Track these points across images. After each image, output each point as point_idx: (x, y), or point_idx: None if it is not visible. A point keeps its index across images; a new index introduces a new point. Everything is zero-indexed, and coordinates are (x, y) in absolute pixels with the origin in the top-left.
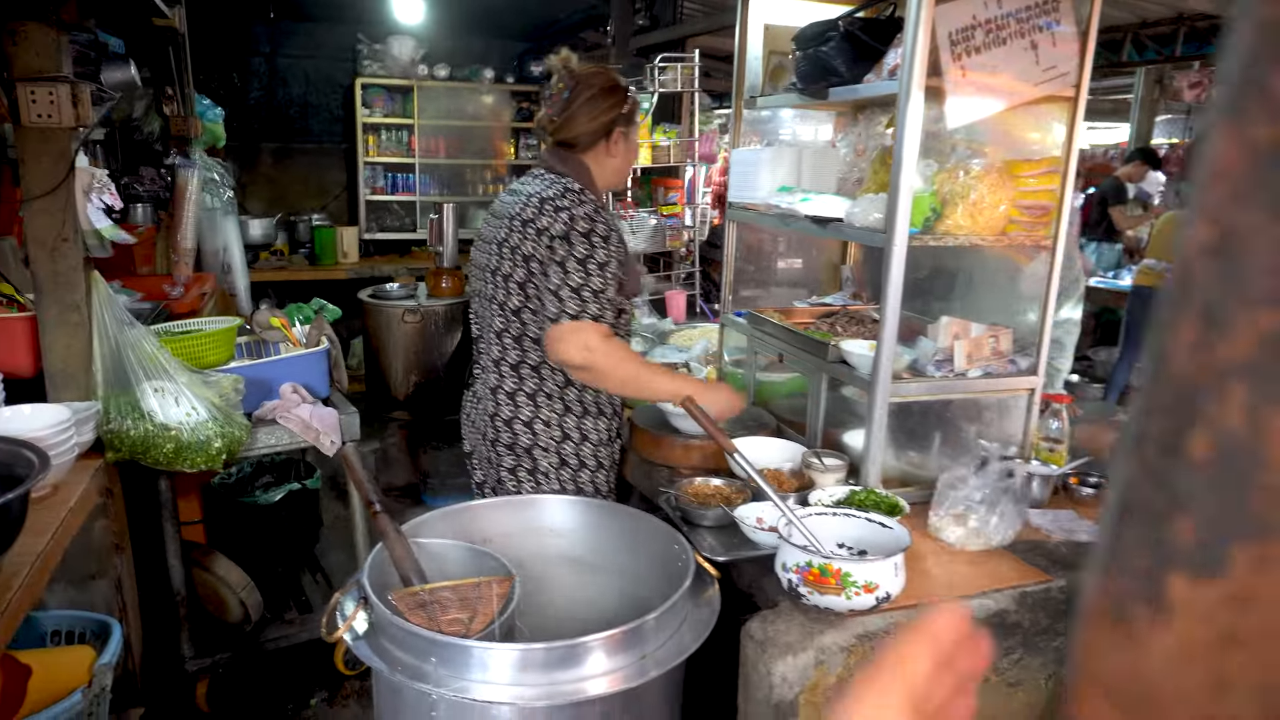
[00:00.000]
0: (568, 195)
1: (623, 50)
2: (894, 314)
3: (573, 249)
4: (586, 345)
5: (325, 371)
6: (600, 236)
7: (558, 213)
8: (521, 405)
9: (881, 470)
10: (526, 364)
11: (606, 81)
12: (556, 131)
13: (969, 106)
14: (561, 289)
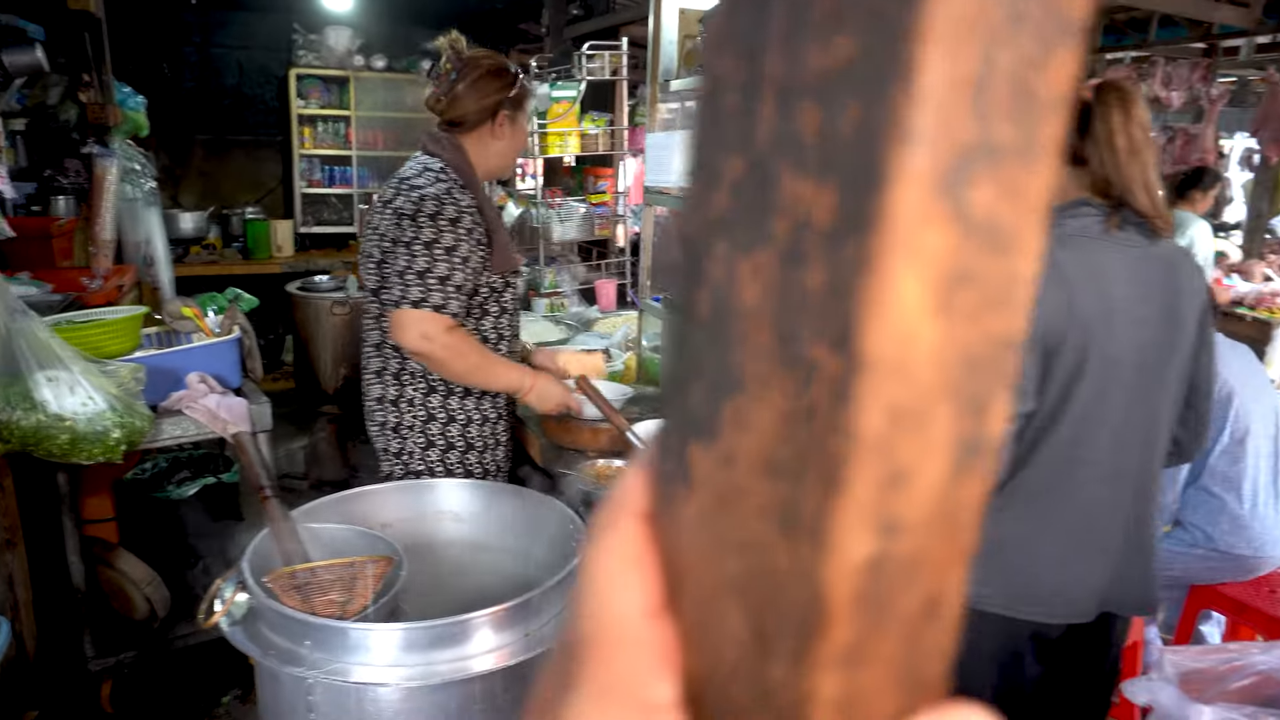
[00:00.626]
0: (425, 174)
1: (556, 40)
2: None
3: (420, 231)
4: (424, 334)
5: (236, 361)
6: (448, 220)
7: (411, 190)
8: (388, 384)
9: None
10: (388, 343)
11: (494, 64)
12: (444, 111)
13: None
14: (406, 273)
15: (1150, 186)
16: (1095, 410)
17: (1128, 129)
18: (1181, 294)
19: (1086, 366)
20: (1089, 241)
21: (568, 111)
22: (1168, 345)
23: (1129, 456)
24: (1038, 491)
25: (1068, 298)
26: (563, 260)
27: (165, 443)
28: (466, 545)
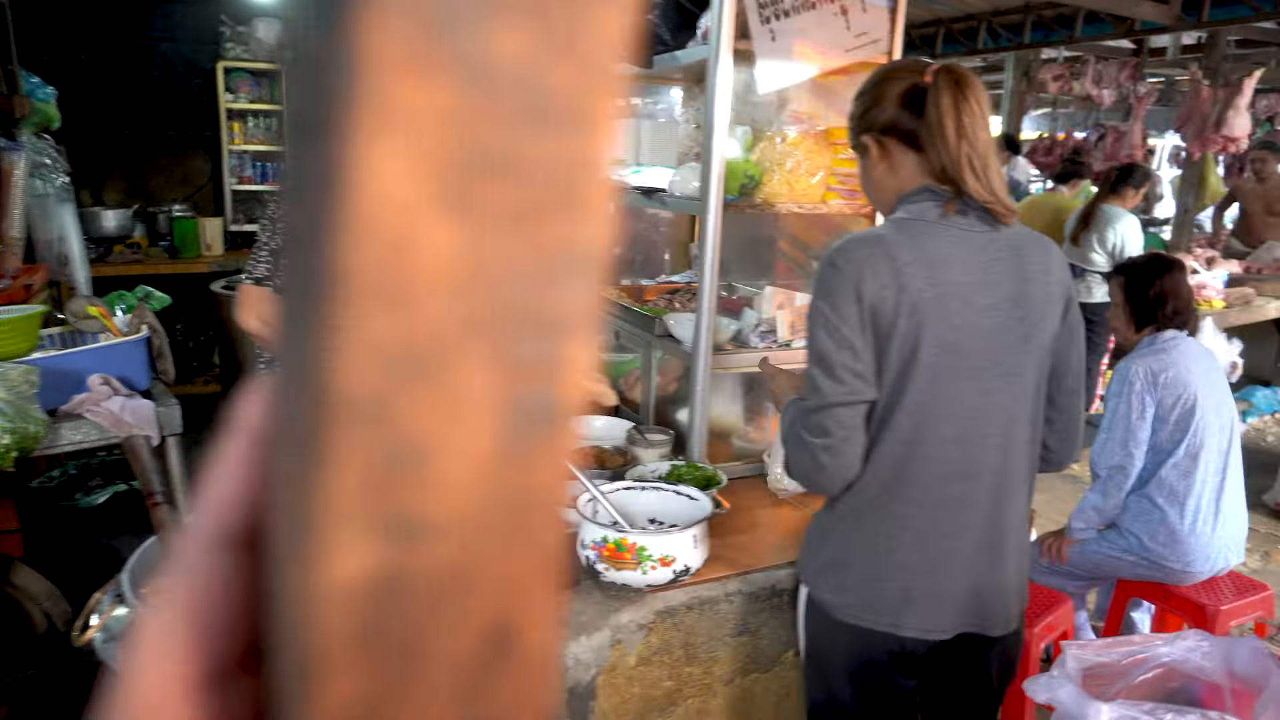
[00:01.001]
0: None
1: None
2: (711, 284)
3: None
4: (263, 316)
5: (144, 362)
6: None
7: None
8: None
9: (706, 443)
10: None
11: None
12: None
13: (779, 71)
14: (259, 245)
15: (983, 171)
16: (935, 402)
17: (958, 113)
18: (1031, 281)
19: (920, 354)
20: (923, 225)
21: None
22: (1018, 335)
23: (981, 455)
24: (879, 490)
25: (896, 280)
26: None
27: (65, 449)
28: None
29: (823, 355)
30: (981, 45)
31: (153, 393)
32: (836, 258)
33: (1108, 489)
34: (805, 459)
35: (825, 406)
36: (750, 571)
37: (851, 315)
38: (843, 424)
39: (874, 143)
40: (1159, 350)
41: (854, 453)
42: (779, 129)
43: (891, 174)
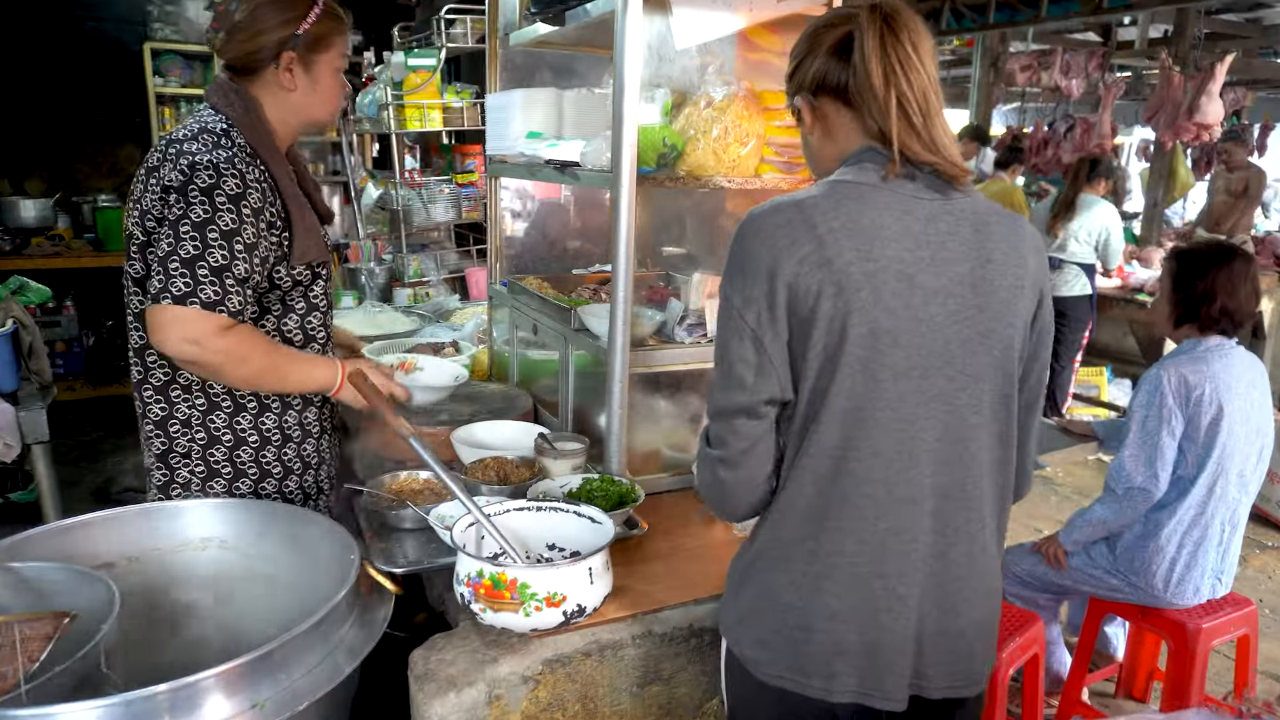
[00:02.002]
0: (202, 136)
1: (429, 10)
2: (626, 270)
3: (189, 208)
4: (188, 337)
5: (8, 361)
6: (227, 195)
7: (179, 157)
8: (150, 401)
9: (625, 452)
10: (152, 348)
11: None
12: (220, 51)
13: (699, 23)
14: (169, 260)
15: (922, 124)
16: (867, 407)
17: (885, 54)
18: (995, 264)
19: (848, 346)
20: (857, 190)
21: (426, 82)
22: (976, 329)
23: (924, 476)
24: (803, 518)
25: (819, 253)
26: (434, 246)
27: None
28: (237, 578)
29: (723, 350)
30: (945, 26)
31: (19, 395)
32: (746, 227)
33: (1123, 509)
34: (704, 473)
35: (723, 412)
36: (664, 609)
37: (759, 298)
38: (741, 433)
39: (806, 104)
40: (1198, 359)
41: (758, 468)
42: (705, 92)
43: (829, 139)
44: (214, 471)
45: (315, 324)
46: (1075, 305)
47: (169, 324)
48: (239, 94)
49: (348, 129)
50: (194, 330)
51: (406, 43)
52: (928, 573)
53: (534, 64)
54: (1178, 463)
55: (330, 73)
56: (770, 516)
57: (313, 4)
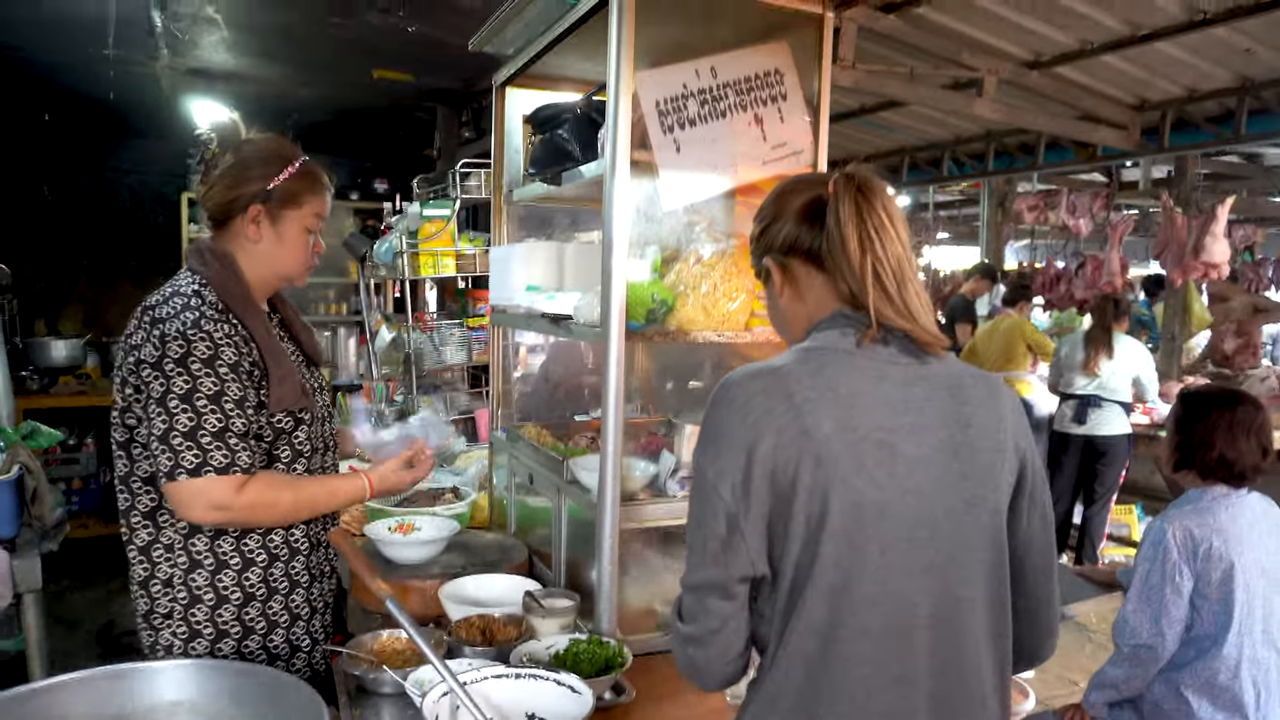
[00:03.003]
0: (172, 301)
1: (448, 163)
2: (615, 421)
3: (171, 383)
4: (214, 505)
5: (9, 507)
6: (200, 360)
7: (152, 327)
8: (134, 562)
9: (616, 611)
10: (136, 509)
11: (256, 150)
12: (202, 201)
13: (686, 185)
14: (170, 435)
15: (896, 291)
16: (853, 583)
17: (860, 221)
18: (974, 428)
19: (830, 519)
20: (833, 356)
21: (441, 231)
22: (961, 497)
23: (918, 654)
24: (793, 701)
25: (796, 423)
26: (446, 388)
27: None
28: None
29: (696, 521)
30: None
31: (17, 542)
32: (721, 394)
33: (1133, 668)
34: (677, 648)
35: (694, 588)
36: None
37: (733, 469)
38: (712, 612)
39: (776, 266)
40: (1203, 510)
41: (728, 647)
42: (694, 249)
43: (799, 301)
44: (195, 633)
45: (301, 470)
46: (1116, 444)
47: (193, 498)
48: (213, 252)
49: (365, 273)
50: (216, 497)
51: (425, 193)
52: None
53: (545, 213)
54: (1193, 621)
55: (298, 230)
56: (758, 698)
57: (289, 162)
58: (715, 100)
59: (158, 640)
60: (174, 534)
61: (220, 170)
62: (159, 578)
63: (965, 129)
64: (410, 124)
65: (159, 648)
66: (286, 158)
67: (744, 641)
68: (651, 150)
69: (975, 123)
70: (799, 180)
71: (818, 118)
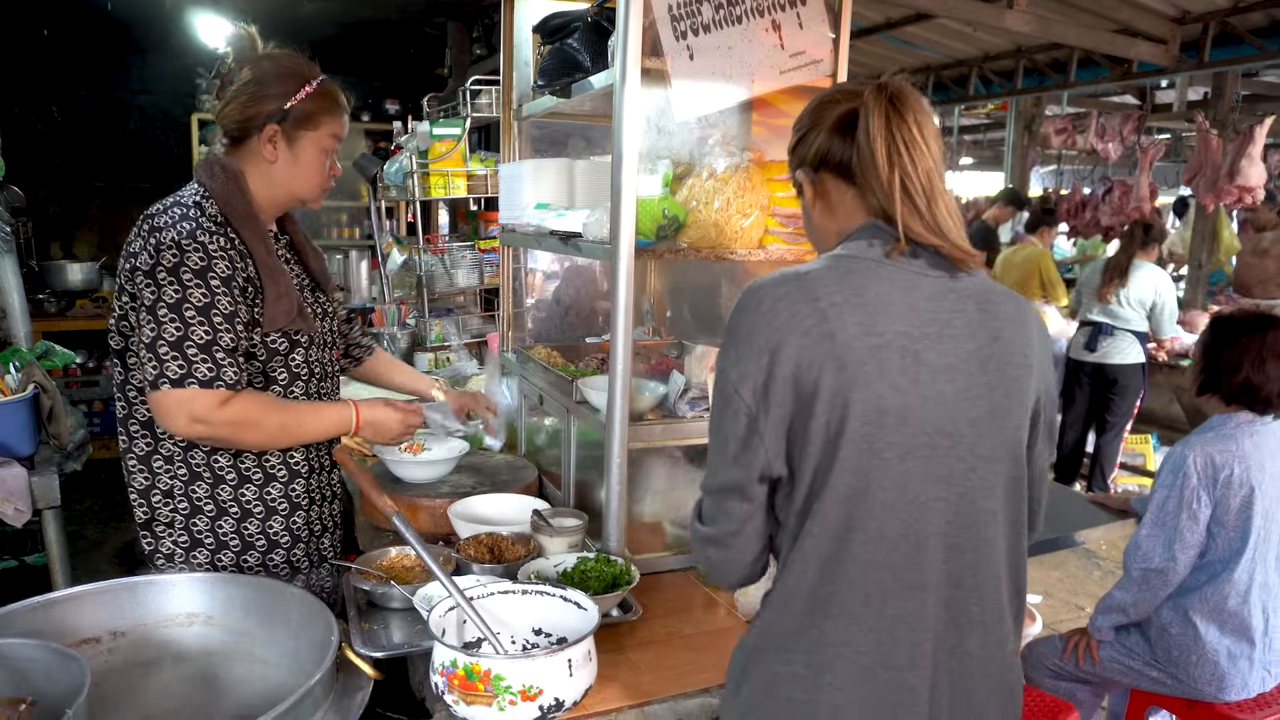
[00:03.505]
0: (170, 211)
1: (459, 81)
2: (624, 341)
3: (161, 290)
4: (195, 416)
5: (26, 425)
6: (192, 270)
7: (150, 236)
8: (134, 471)
9: (624, 530)
10: (134, 419)
11: (275, 66)
12: (218, 117)
13: (699, 95)
14: (157, 344)
15: (926, 206)
16: (871, 487)
17: (891, 135)
18: (1003, 341)
19: (850, 423)
20: (860, 264)
21: (451, 150)
22: (987, 407)
23: (933, 562)
24: (805, 603)
25: (820, 326)
26: (458, 311)
27: None
28: (219, 655)
29: (717, 424)
30: (973, 92)
31: (35, 460)
32: (746, 299)
33: (1141, 591)
34: (697, 549)
35: (714, 490)
36: (650, 702)
37: (755, 372)
38: (732, 514)
39: (808, 179)
40: (1226, 437)
41: (747, 548)
42: (707, 163)
43: (829, 215)
44: (196, 541)
45: (299, 394)
46: (1128, 373)
47: (174, 408)
48: (222, 166)
49: (377, 195)
50: (198, 409)
51: (435, 113)
52: (942, 668)
53: (558, 131)
54: (1207, 547)
55: (314, 151)
56: (770, 604)
57: (306, 81)
58: (730, 4)
59: (158, 548)
60: (172, 446)
61: (236, 87)
62: (159, 488)
63: (994, 45)
64: (421, 41)
65: (159, 555)
66: (304, 76)
67: (763, 543)
68: (663, 58)
69: (1005, 38)
70: (839, 90)
71: (839, 26)
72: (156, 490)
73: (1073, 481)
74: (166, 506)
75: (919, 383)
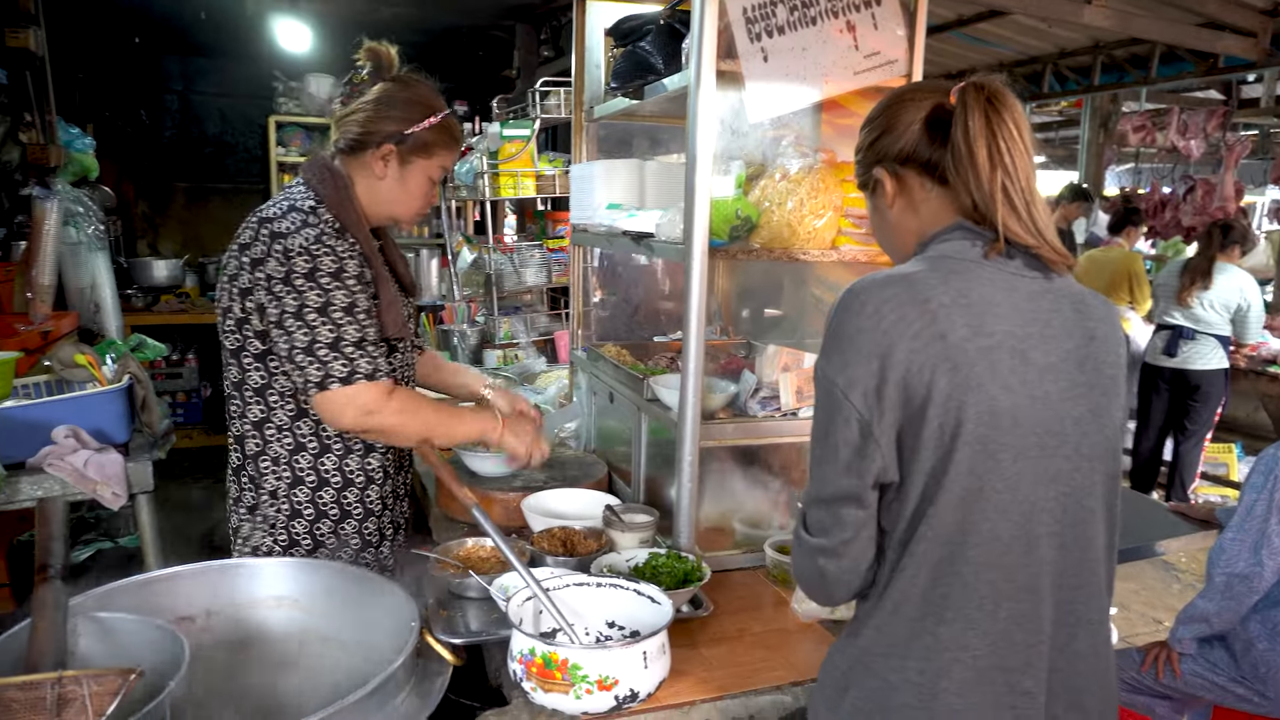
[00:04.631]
0: (290, 215)
1: (527, 82)
2: (696, 340)
3: (303, 296)
4: (365, 409)
5: (122, 414)
6: (328, 274)
7: (273, 241)
8: (242, 466)
9: (694, 527)
10: (246, 418)
11: (410, 93)
12: (338, 124)
13: (773, 96)
14: (315, 347)
15: (1025, 208)
16: (985, 490)
17: (992, 136)
18: (1097, 341)
19: (966, 425)
20: (963, 264)
21: (521, 151)
22: (1088, 406)
23: (1047, 559)
24: (918, 608)
25: (931, 328)
26: (526, 309)
27: (24, 504)
28: (303, 637)
29: (825, 431)
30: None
31: (130, 447)
32: (849, 302)
33: (1224, 600)
34: (804, 561)
35: (824, 499)
36: (723, 697)
37: (865, 377)
38: (846, 522)
39: (889, 176)
40: None
41: (861, 557)
42: (780, 164)
43: (911, 213)
44: (294, 541)
45: None
46: (1210, 379)
47: (344, 405)
48: (332, 171)
49: (447, 195)
50: (367, 402)
51: (505, 114)
52: (1052, 668)
53: (626, 132)
54: None
55: (422, 178)
56: (880, 608)
57: (432, 112)
58: (805, 6)
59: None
60: (280, 449)
61: (365, 100)
62: (265, 488)
63: (1070, 40)
64: (489, 44)
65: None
66: (431, 107)
67: (874, 550)
68: (737, 60)
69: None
70: (915, 87)
71: (914, 26)
72: (263, 490)
73: (1149, 490)
74: (270, 507)
75: (1027, 383)
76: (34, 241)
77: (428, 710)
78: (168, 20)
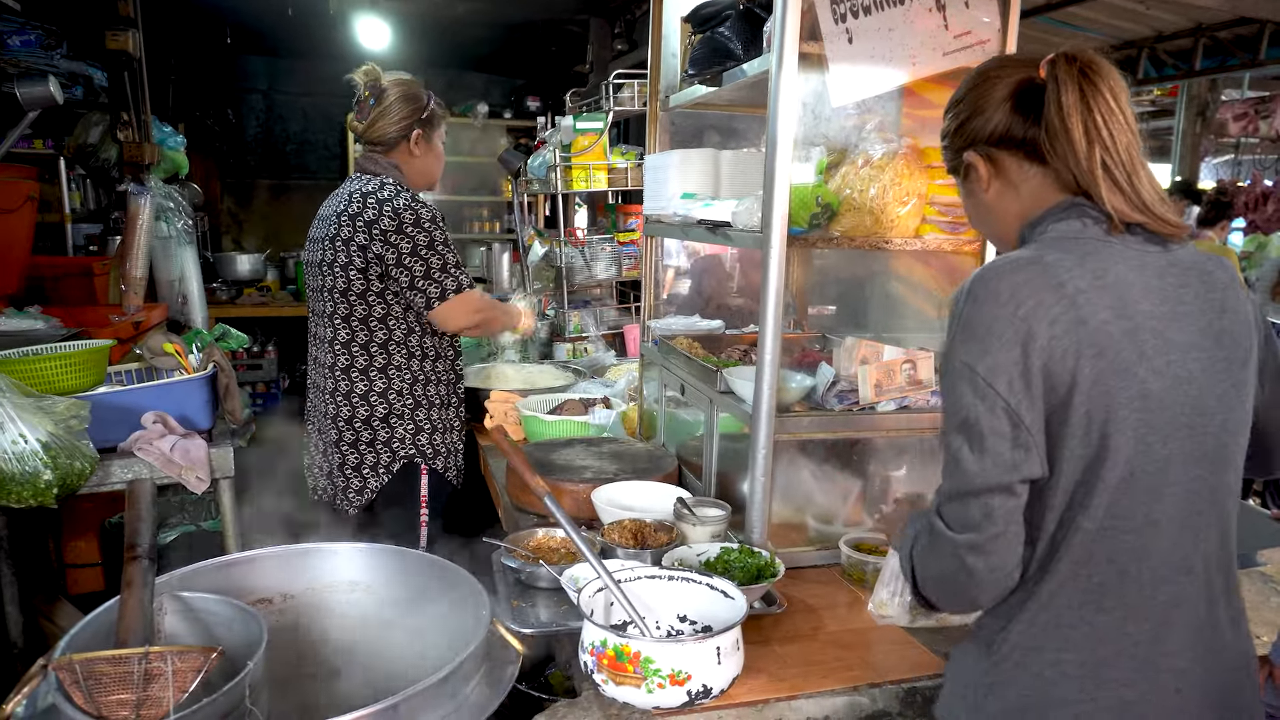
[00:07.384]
0: (384, 188)
1: (600, 76)
2: (773, 331)
3: (415, 240)
4: (476, 308)
5: (206, 401)
6: (428, 220)
7: (381, 206)
8: (374, 378)
9: (768, 522)
10: (375, 342)
11: (405, 90)
12: (364, 134)
13: (857, 79)
14: (433, 272)
15: (1128, 181)
16: (1140, 471)
17: (1088, 109)
18: (1228, 313)
19: (1117, 410)
20: (1090, 245)
21: (593, 144)
22: (1230, 381)
23: (1199, 538)
24: (1077, 600)
25: (1071, 312)
26: (596, 303)
27: (115, 486)
28: (374, 621)
29: (967, 422)
30: (1143, 75)
31: (213, 433)
32: (980, 289)
33: None
34: (945, 561)
35: (972, 492)
36: (797, 697)
37: (1008, 365)
38: (995, 515)
39: (982, 159)
40: None
41: (1011, 552)
42: (863, 150)
43: (1010, 195)
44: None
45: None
46: None
47: (459, 308)
48: (385, 161)
49: (519, 189)
50: (473, 303)
51: (578, 107)
52: (1202, 646)
53: (698, 125)
54: None
55: (438, 144)
56: (1033, 602)
57: (427, 99)
58: None
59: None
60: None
61: (384, 107)
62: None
63: (1168, 23)
64: (562, 39)
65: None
66: (425, 93)
67: (1022, 544)
68: (820, 42)
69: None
70: (1000, 63)
71: (1008, 6)
72: (391, 391)
73: (1245, 496)
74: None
75: (1172, 363)
76: (128, 236)
77: (498, 699)
78: (254, 21)
